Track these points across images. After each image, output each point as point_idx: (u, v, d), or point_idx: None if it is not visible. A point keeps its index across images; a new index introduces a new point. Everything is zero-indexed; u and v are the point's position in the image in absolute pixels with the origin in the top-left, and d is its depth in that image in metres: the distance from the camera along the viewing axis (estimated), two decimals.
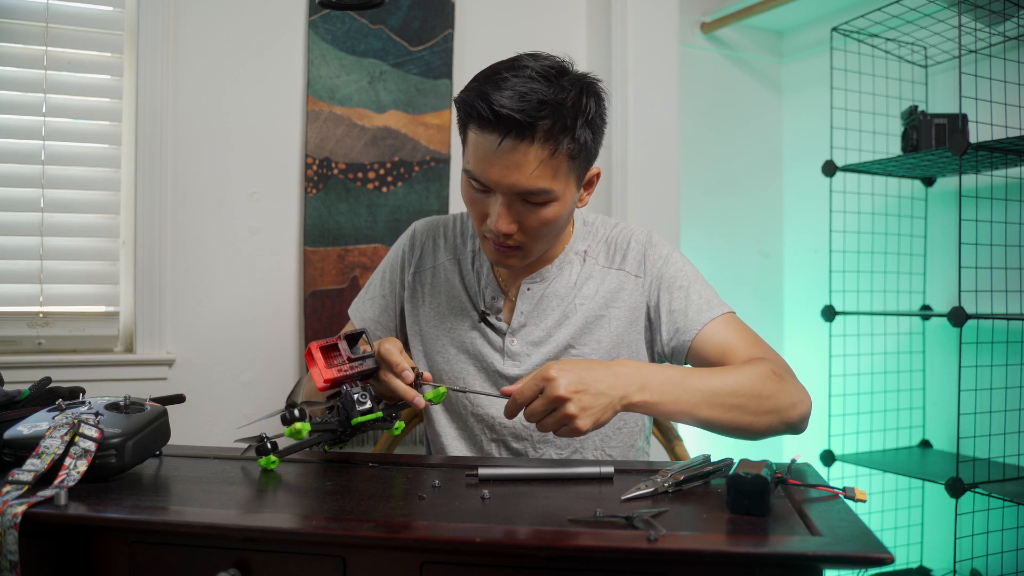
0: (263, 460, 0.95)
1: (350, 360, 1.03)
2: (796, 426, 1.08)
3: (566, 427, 0.94)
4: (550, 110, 1.00)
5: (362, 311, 1.32)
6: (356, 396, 1.00)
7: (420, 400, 1.03)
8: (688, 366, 1.17)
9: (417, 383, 1.05)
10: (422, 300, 1.28)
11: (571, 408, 0.92)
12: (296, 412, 0.97)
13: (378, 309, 1.31)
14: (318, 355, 1.01)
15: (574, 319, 1.21)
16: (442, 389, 1.07)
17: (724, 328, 1.16)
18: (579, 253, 1.24)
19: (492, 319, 1.22)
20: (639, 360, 1.22)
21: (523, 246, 1.11)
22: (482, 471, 0.93)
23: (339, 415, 1.00)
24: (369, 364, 1.04)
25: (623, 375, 0.97)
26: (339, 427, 1.00)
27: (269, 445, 0.96)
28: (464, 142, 1.10)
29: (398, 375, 1.03)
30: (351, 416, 0.99)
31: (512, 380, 1.20)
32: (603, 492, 0.87)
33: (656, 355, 1.23)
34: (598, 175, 1.18)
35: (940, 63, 2.24)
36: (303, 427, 0.96)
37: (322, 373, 1.00)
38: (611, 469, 0.93)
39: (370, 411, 1.00)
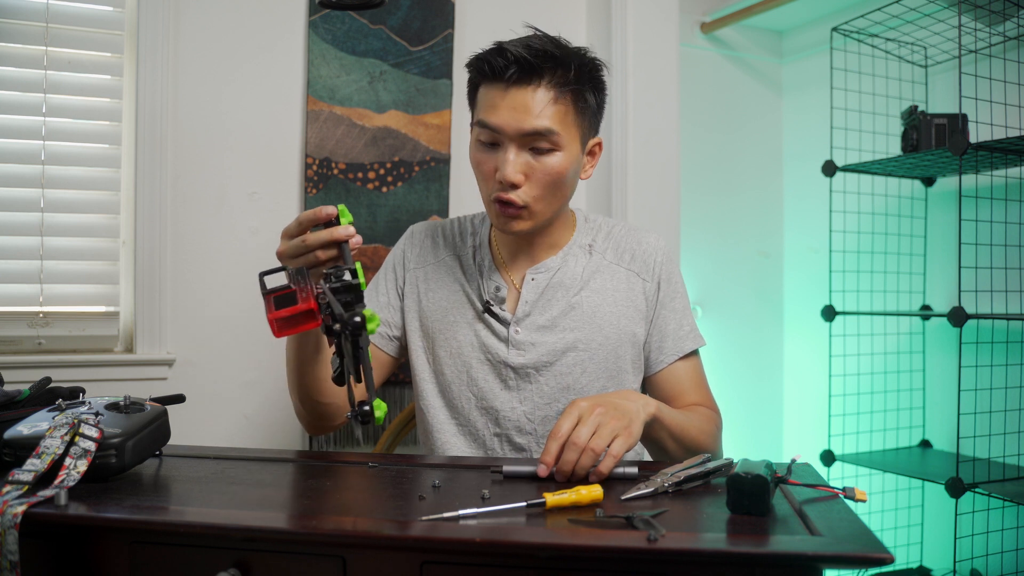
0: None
1: (295, 283, 0.89)
2: None
3: (619, 438, 0.94)
4: (554, 60, 1.10)
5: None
6: (333, 277, 0.88)
7: (344, 230, 0.95)
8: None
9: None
10: (423, 296, 1.29)
11: (610, 415, 0.95)
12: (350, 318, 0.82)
13: (378, 306, 1.31)
14: (271, 305, 0.85)
15: (581, 310, 1.22)
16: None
17: (691, 368, 1.27)
18: (583, 247, 1.27)
19: (496, 309, 1.22)
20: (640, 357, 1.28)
21: (529, 206, 1.14)
22: (507, 468, 0.93)
23: (344, 296, 0.88)
24: (304, 275, 0.92)
25: (634, 396, 1.04)
26: (353, 290, 0.88)
27: (362, 407, 0.85)
28: (474, 106, 1.18)
29: (317, 218, 0.97)
30: (352, 290, 0.88)
31: (516, 370, 1.21)
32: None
33: None
34: (600, 145, 1.23)
35: (940, 63, 2.24)
36: (370, 315, 0.85)
37: (303, 307, 0.85)
38: (635, 469, 0.93)
39: (353, 273, 0.89)
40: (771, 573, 0.69)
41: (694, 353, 1.28)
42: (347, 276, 0.88)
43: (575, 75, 1.11)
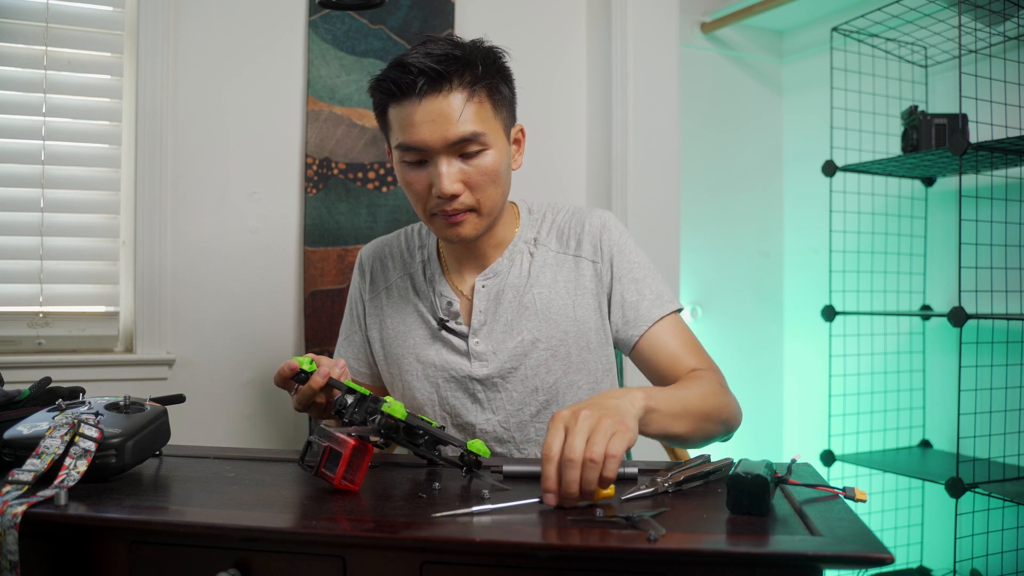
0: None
1: (325, 442, 0.88)
2: (731, 433, 1.16)
3: (616, 436, 0.81)
4: (459, 62, 1.07)
5: (345, 355, 1.33)
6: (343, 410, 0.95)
7: (319, 378, 1.02)
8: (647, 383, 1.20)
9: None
10: (382, 324, 1.28)
11: (597, 415, 0.83)
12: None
13: (355, 349, 1.32)
14: (328, 475, 0.87)
15: (534, 309, 1.20)
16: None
17: (671, 332, 1.19)
18: (528, 242, 1.24)
19: (451, 324, 1.20)
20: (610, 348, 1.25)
21: (474, 208, 1.12)
22: (507, 468, 0.93)
23: (366, 410, 0.95)
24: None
25: (618, 393, 0.92)
26: (363, 401, 0.96)
27: (468, 458, 0.92)
28: (387, 129, 1.13)
29: (284, 379, 1.04)
30: (362, 402, 0.96)
31: (482, 381, 1.19)
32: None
33: None
34: (523, 132, 1.21)
35: (940, 63, 2.24)
36: (393, 406, 0.93)
37: (347, 451, 0.86)
38: (635, 470, 0.93)
39: (349, 390, 0.98)
40: (771, 573, 0.69)
41: (672, 318, 1.20)
42: (349, 399, 0.95)
43: (483, 71, 1.08)
